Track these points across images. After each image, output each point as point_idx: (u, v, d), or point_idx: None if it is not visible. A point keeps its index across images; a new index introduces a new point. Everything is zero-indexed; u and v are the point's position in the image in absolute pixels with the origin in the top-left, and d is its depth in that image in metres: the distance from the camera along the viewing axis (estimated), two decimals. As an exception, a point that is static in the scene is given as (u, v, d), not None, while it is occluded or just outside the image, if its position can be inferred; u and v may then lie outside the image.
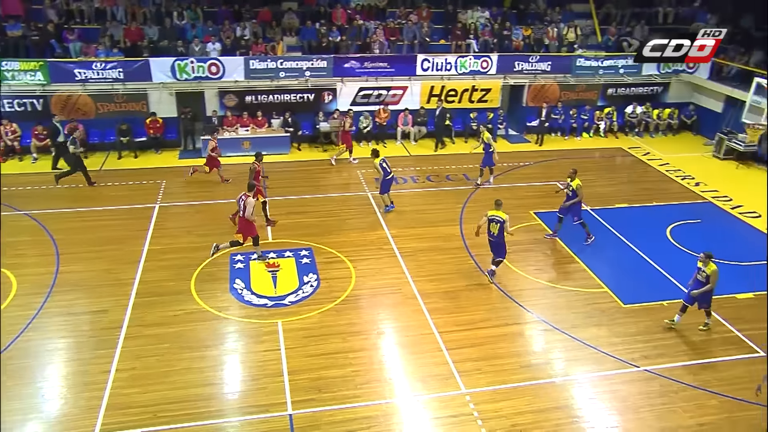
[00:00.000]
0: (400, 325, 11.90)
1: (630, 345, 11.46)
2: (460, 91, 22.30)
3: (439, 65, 22.00)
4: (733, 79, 22.12)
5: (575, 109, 23.25)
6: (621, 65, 23.39)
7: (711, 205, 17.62)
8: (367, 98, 21.87)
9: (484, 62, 22.28)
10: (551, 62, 22.82)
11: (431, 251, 14.53)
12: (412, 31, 22.58)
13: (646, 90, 24.05)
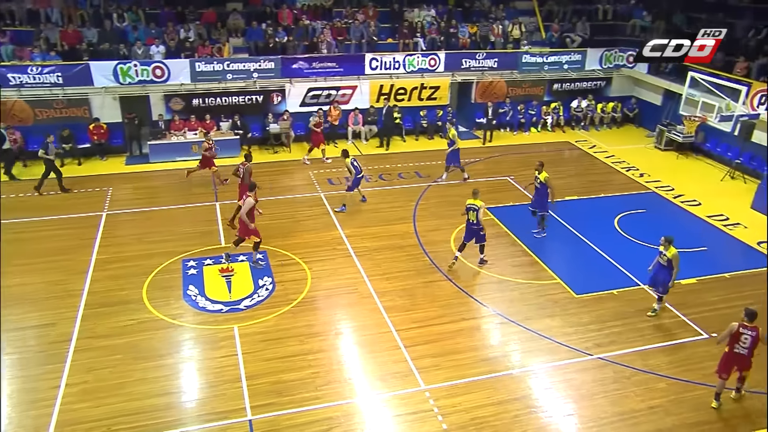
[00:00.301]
0: (357, 325, 11.91)
1: (583, 334, 11.77)
2: (409, 89, 22.44)
3: (388, 64, 22.10)
4: (670, 74, 22.93)
5: (523, 105, 23.70)
6: (565, 61, 23.97)
7: (655, 195, 18.24)
8: (317, 98, 21.77)
9: (431, 60, 22.49)
10: (498, 59, 23.20)
11: (386, 249, 14.59)
12: (360, 30, 22.59)
13: (590, 85, 24.70)
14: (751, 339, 9.63)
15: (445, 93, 22.91)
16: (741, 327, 9.66)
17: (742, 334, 9.66)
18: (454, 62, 22.74)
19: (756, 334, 9.60)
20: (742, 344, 9.69)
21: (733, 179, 19.58)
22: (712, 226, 16.36)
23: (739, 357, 9.78)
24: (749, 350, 9.67)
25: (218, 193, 17.53)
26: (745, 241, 15.59)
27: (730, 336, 9.73)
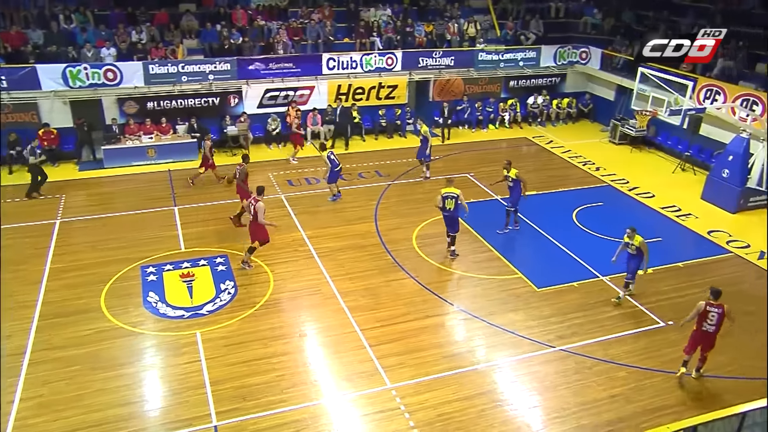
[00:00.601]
0: (321, 326, 11.87)
1: (545, 327, 11.97)
2: (367, 88, 22.45)
3: (345, 64, 22.07)
4: (621, 69, 23.52)
5: (480, 102, 23.96)
6: (520, 58, 24.34)
7: (611, 188, 18.67)
8: (275, 99, 21.59)
9: (389, 59, 22.55)
10: (454, 57, 23.41)
11: (348, 249, 14.57)
12: (316, 30, 22.49)
13: (545, 81, 25.13)
14: (718, 316, 10.08)
15: (403, 92, 22.99)
16: (708, 305, 10.10)
17: (709, 312, 10.10)
18: (411, 61, 22.85)
19: (722, 311, 10.07)
20: (709, 322, 10.13)
21: (684, 171, 20.19)
22: (665, 217, 16.84)
23: (707, 335, 10.22)
24: (716, 327, 10.12)
25: (176, 197, 17.23)
26: (697, 230, 16.09)
27: (698, 315, 10.16)
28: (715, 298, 10.13)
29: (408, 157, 20.65)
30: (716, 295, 10.14)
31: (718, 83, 19.13)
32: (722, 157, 17.84)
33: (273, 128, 21.50)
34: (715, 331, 10.18)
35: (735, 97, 18.32)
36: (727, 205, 17.32)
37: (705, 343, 10.33)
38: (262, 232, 13.37)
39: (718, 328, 10.15)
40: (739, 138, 17.36)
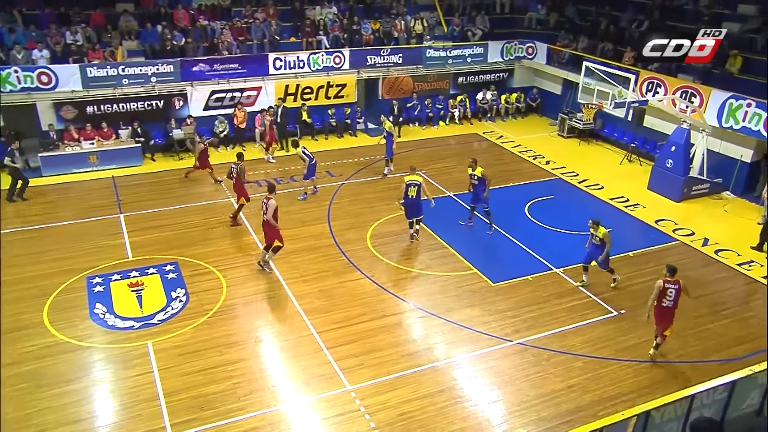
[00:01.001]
0: (277, 330, 11.76)
1: (502, 321, 12.16)
2: (315, 88, 22.32)
3: (292, 63, 21.88)
4: (567, 64, 24.09)
5: (430, 99, 24.15)
6: (468, 54, 24.63)
7: (561, 181, 19.10)
8: (221, 101, 21.24)
9: (336, 58, 22.49)
10: (402, 54, 23.51)
11: (302, 251, 14.48)
12: (261, 29, 22.23)
13: (494, 77, 25.50)
14: (675, 292, 10.64)
15: (351, 90, 22.96)
16: (666, 282, 10.62)
17: (667, 289, 10.64)
18: (359, 59, 22.85)
19: (678, 286, 10.64)
20: (668, 298, 10.67)
21: (631, 162, 20.82)
22: (614, 208, 17.33)
23: (666, 310, 10.76)
24: (674, 302, 10.68)
25: (122, 204, 16.77)
26: (645, 220, 16.62)
27: (658, 293, 10.69)
28: (671, 275, 10.66)
29: (359, 156, 20.69)
30: (672, 272, 10.67)
31: (659, 76, 19.80)
32: (665, 148, 18.48)
33: (221, 131, 21.16)
34: (673, 307, 10.74)
35: (675, 89, 18.99)
36: (672, 194, 17.95)
37: (665, 318, 10.87)
38: (276, 230, 13.24)
39: (676, 303, 10.71)
40: (680, 129, 18.01)
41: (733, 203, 17.88)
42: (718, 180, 18.35)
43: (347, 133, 22.93)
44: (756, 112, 16.86)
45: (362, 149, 21.49)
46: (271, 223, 13.13)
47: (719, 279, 13.94)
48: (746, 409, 8.12)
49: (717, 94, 17.89)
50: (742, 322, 12.35)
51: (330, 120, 22.64)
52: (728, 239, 15.60)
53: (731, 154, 18.36)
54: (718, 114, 17.85)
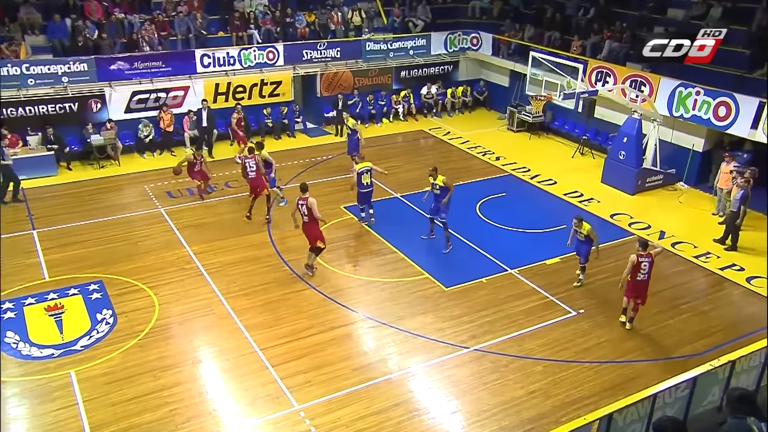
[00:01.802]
0: (217, 350, 11.54)
1: (457, 327, 12.27)
2: (248, 86, 22.05)
3: (222, 60, 21.57)
4: (513, 54, 24.59)
5: (371, 95, 24.23)
6: (410, 47, 24.84)
7: (512, 178, 19.47)
8: (144, 103, 20.71)
9: (269, 53, 22.28)
10: (340, 48, 23.51)
11: (241, 263, 14.29)
12: (185, 23, 21.80)
13: (438, 70, 25.78)
14: (649, 265, 11.63)
15: (288, 88, 22.81)
16: (639, 257, 11.58)
17: (641, 263, 11.60)
18: (295, 54, 22.71)
19: (651, 259, 11.64)
20: (642, 271, 11.66)
21: (583, 155, 21.41)
22: (569, 204, 17.77)
23: (641, 284, 11.78)
24: (648, 275, 11.70)
25: (34, 219, 16.14)
26: (600, 215, 17.10)
27: (633, 267, 11.57)
28: (644, 249, 11.59)
29: (299, 159, 20.57)
30: (644, 246, 11.62)
31: (608, 65, 20.46)
32: (617, 139, 19.09)
33: (145, 135, 20.62)
34: (647, 279, 11.73)
35: (624, 78, 19.64)
36: (626, 187, 18.55)
37: (640, 291, 11.87)
38: (317, 229, 13.45)
39: (650, 276, 11.71)
40: (631, 119, 18.65)
41: (688, 194, 18.62)
42: (672, 171, 19.08)
43: (285, 134, 22.75)
44: (705, 100, 17.59)
45: (302, 151, 21.36)
46: (314, 223, 13.37)
47: (677, 272, 14.47)
48: (708, 406, 8.44)
49: (666, 83, 18.59)
50: (701, 316, 12.85)
51: (266, 121, 22.41)
52: (684, 231, 16.22)
53: (683, 144, 19.11)
54: (668, 103, 18.55)
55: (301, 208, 13.36)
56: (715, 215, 16.97)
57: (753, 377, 8.75)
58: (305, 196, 13.37)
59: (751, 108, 16.49)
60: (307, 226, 13.52)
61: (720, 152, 18.05)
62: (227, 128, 21.59)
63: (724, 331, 12.34)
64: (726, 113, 17.10)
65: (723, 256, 15.05)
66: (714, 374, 8.23)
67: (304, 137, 22.75)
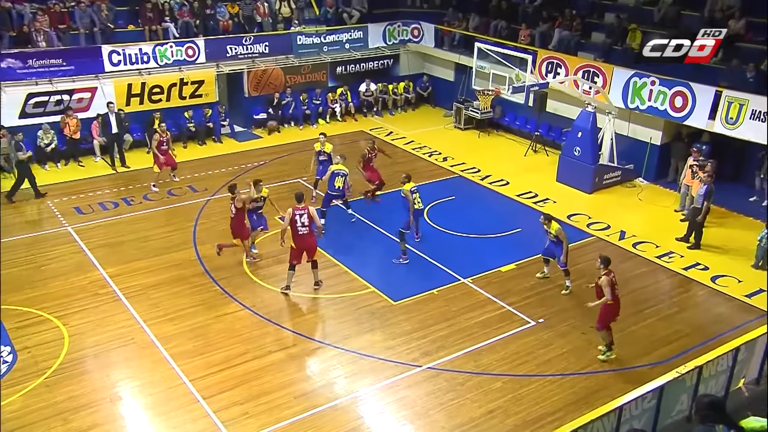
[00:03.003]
0: (139, 384, 11.24)
1: (408, 344, 12.31)
2: (166, 86, 21.67)
3: (134, 57, 21.12)
4: (458, 46, 24.95)
5: (305, 94, 24.16)
6: (345, 39, 24.89)
7: (462, 179, 19.69)
8: (43, 107, 20.01)
9: (189, 49, 21.96)
10: (268, 43, 23.37)
11: (166, 285, 14.02)
12: (87, 15, 21.10)
13: (377, 64, 25.94)
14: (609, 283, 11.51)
15: (211, 88, 22.52)
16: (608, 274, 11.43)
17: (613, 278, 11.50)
18: (218, 50, 22.47)
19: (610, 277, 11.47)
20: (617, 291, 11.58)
21: (536, 152, 21.85)
22: (523, 205, 18.09)
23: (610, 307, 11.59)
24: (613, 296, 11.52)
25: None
26: (557, 216, 17.32)
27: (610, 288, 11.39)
28: (605, 266, 11.53)
29: (227, 166, 20.32)
30: (606, 263, 11.57)
31: (558, 55, 20.97)
32: (571, 134, 19.56)
33: (46, 143, 19.93)
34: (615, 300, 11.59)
35: (576, 69, 20.18)
36: (583, 185, 19.02)
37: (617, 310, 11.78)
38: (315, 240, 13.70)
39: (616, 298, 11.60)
40: (585, 112, 19.14)
41: (647, 190, 19.21)
42: (630, 166, 19.66)
43: (210, 138, 22.45)
44: (661, 90, 18.22)
45: (230, 157, 21.10)
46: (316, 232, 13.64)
47: (640, 275, 14.88)
48: (677, 416, 8.70)
49: (620, 73, 19.18)
50: (667, 320, 13.25)
51: (188, 125, 22.06)
52: (645, 230, 16.71)
53: (641, 138, 19.74)
54: (623, 94, 19.13)
55: (300, 218, 13.29)
56: (677, 212, 17.53)
57: (721, 382, 9.06)
58: (304, 205, 13.41)
59: (708, 97, 17.15)
60: (306, 239, 13.46)
61: (679, 145, 18.72)
62: (144, 134, 21.15)
63: (690, 335, 12.74)
64: (683, 104, 17.75)
65: (686, 255, 15.56)
66: (681, 382, 8.48)
67: (231, 142, 22.49)
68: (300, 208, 13.35)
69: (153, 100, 21.49)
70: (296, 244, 13.51)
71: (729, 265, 15.09)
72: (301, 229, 13.34)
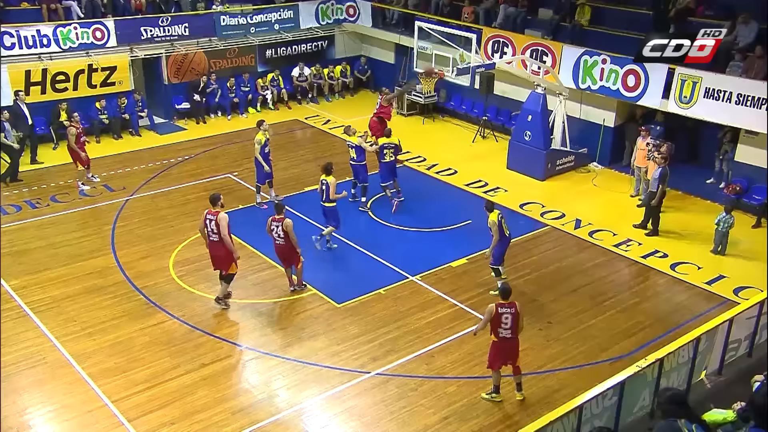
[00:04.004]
0: (53, 409, 10.98)
1: (354, 349, 12.35)
2: (72, 74, 21.20)
3: (32, 40, 20.54)
4: (397, 25, 25.06)
5: (233, 80, 23.90)
6: (275, 20, 24.77)
7: (406, 169, 19.73)
8: None
9: (96, 31, 21.49)
10: (188, 24, 23.10)
11: (81, 296, 13.76)
12: (-29, -9, 20.47)
13: (310, 47, 25.87)
14: (512, 317, 10.52)
15: (125, 75, 22.15)
16: (499, 307, 10.50)
17: (502, 315, 10.50)
18: (130, 32, 22.11)
19: (515, 310, 10.54)
20: (504, 326, 10.55)
21: (485, 138, 22.14)
22: (473, 195, 18.29)
23: (506, 342, 10.71)
24: (512, 330, 10.60)
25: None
26: (509, 206, 17.70)
27: (491, 320, 10.56)
28: (505, 297, 10.61)
29: (147, 162, 20.01)
30: (505, 294, 10.66)
31: (504, 33, 21.27)
32: (521, 118, 19.87)
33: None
34: (513, 335, 10.68)
35: (523, 48, 20.50)
36: (535, 172, 19.37)
37: (508, 351, 10.83)
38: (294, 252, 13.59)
39: (516, 331, 10.67)
40: (534, 94, 19.48)
41: (602, 175, 19.70)
42: (583, 150, 20.13)
43: (127, 132, 22.08)
44: (612, 69, 18.67)
45: (150, 152, 20.79)
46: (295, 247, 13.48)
47: (597, 265, 15.26)
48: (639, 413, 8.97)
49: (569, 51, 19.59)
50: (626, 312, 13.61)
51: (100, 116, 21.60)
52: (601, 218, 17.12)
53: (593, 119, 20.21)
54: (573, 74, 19.54)
55: (276, 229, 13.27)
56: (633, 197, 18.02)
57: (683, 375, 9.38)
58: (281, 217, 13.31)
59: (661, 76, 17.65)
60: (282, 249, 13.52)
61: (633, 126, 19.22)
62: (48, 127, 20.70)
63: (652, 326, 13.13)
64: (635, 83, 18.24)
65: (644, 243, 16.01)
66: (642, 376, 8.74)
67: (151, 135, 22.13)
68: (276, 219, 13.30)
69: (57, 89, 21.00)
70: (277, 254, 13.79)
71: (688, 252, 15.60)
72: (277, 239, 13.42)
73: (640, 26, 19.06)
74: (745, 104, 16.26)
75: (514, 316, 10.54)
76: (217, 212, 13.01)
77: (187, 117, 23.32)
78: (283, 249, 13.59)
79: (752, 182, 17.38)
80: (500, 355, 10.83)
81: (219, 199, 13.14)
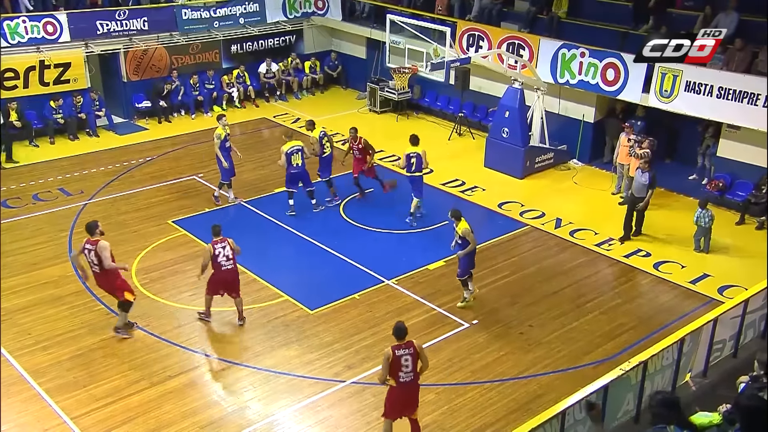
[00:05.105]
0: (7, 429, 10.81)
1: (329, 357, 12.37)
2: (22, 71, 21.00)
3: (-27, 34, 20.31)
4: (368, 19, 25.11)
5: (196, 77, 23.79)
6: (240, 13, 24.69)
7: (380, 168, 19.71)
8: None
9: (47, 25, 21.28)
10: (147, 18, 22.96)
11: (36, 306, 13.65)
12: None
13: (278, 42, 25.85)
14: (412, 358, 9.65)
15: (80, 72, 21.98)
16: (396, 350, 9.57)
17: (401, 357, 9.60)
18: (85, 26, 21.92)
19: (413, 350, 9.65)
20: (405, 369, 9.67)
21: (461, 136, 22.27)
22: (449, 195, 18.42)
23: (406, 387, 9.83)
24: (414, 373, 9.75)
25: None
26: (487, 206, 17.87)
27: (390, 365, 9.62)
28: (400, 338, 9.66)
29: (105, 164, 19.88)
30: (400, 333, 9.67)
31: (480, 26, 21.40)
32: (498, 115, 20.01)
33: None
34: (415, 379, 9.82)
35: (500, 41, 20.65)
36: (514, 170, 19.51)
37: (408, 399, 10.02)
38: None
39: (417, 374, 9.82)
40: (511, 89, 19.63)
41: (582, 173, 19.90)
42: (563, 147, 20.30)
43: (83, 132, 21.89)
44: (591, 63, 18.87)
45: (109, 153, 20.67)
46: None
47: (579, 265, 15.42)
48: (624, 418, 9.07)
49: (546, 44, 19.76)
50: (609, 314, 13.77)
51: (55, 116, 21.39)
52: (582, 216, 17.31)
53: (573, 115, 20.42)
54: (551, 68, 19.71)
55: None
56: (615, 194, 18.22)
57: (668, 377, 9.50)
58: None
59: (641, 70, 17.83)
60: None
61: (613, 122, 19.43)
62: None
63: (636, 328, 13.30)
64: (615, 77, 18.44)
65: (627, 242, 16.18)
66: (626, 379, 8.83)
67: (110, 135, 21.98)
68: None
69: (5, 87, 20.77)
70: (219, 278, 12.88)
71: (671, 250, 15.81)
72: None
73: (619, 18, 19.36)
74: (727, 98, 16.51)
75: (413, 356, 9.61)
76: (96, 241, 12.31)
77: (149, 116, 23.18)
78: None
79: (735, 178, 17.67)
80: (399, 401, 9.98)
81: (96, 227, 12.43)
